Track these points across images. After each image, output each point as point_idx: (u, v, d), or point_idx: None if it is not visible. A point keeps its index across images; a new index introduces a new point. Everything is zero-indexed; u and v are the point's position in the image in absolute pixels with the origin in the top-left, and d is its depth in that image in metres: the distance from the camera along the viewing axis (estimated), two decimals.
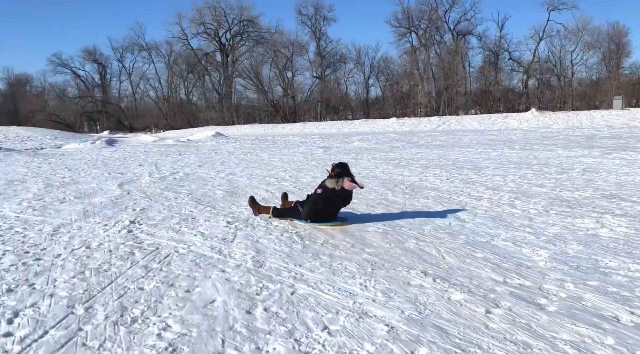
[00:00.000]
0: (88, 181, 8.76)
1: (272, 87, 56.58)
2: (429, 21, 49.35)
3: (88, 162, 13.97)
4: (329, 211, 4.78)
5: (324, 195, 4.73)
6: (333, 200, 4.74)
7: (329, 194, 4.70)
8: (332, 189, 4.69)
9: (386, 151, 14.62)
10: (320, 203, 4.72)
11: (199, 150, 18.89)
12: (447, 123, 34.41)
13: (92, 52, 66.02)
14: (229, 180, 8.40)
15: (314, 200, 4.79)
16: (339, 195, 4.73)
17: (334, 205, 4.81)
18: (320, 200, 4.73)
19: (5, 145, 25.53)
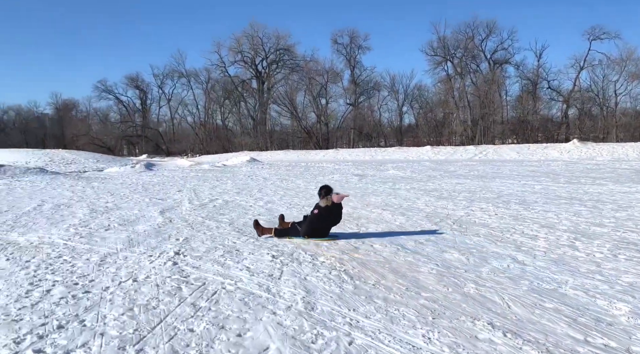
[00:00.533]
0: (130, 207, 8.88)
1: (306, 114, 57.26)
2: (464, 50, 49.10)
3: (129, 186, 14.29)
4: (323, 228, 5.68)
5: (319, 215, 5.59)
6: (327, 218, 5.63)
7: (323, 213, 5.58)
8: (326, 207, 5.58)
9: (424, 181, 14.32)
10: (317, 221, 5.60)
11: (235, 175, 19.08)
12: (484, 152, 33.66)
13: (135, 78, 69.06)
14: (268, 209, 8.34)
15: (311, 220, 5.62)
16: (331, 212, 5.63)
17: (328, 222, 5.70)
18: (316, 219, 5.59)
19: (51, 167, 26.64)
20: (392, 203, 8.72)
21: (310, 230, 5.59)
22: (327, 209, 5.57)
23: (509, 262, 4.44)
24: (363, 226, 6.48)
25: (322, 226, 5.65)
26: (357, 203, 8.84)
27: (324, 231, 5.67)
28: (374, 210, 7.93)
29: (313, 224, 5.59)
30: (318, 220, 5.58)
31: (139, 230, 6.43)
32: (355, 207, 8.32)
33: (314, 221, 5.58)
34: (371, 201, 9.19)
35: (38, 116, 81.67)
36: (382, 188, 12.11)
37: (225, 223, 6.89)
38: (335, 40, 56.40)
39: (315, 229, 5.60)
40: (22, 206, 9.08)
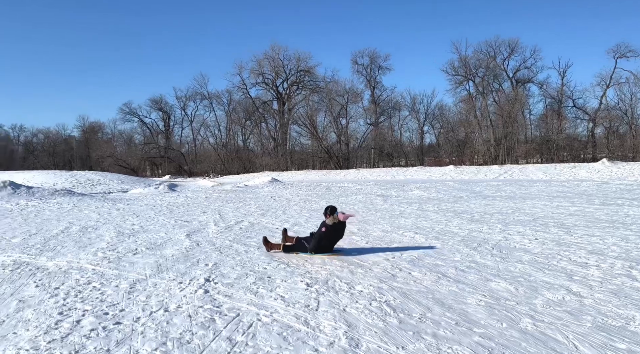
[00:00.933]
0: (156, 230, 8.80)
1: (327, 134, 57.41)
2: (486, 69, 48.78)
3: (154, 207, 14.31)
4: (329, 245, 6.13)
5: (327, 232, 6.02)
6: (333, 234, 6.09)
7: (331, 230, 6.03)
8: (333, 224, 6.03)
9: (451, 201, 13.94)
10: (325, 238, 6.04)
11: (257, 196, 19.01)
12: (509, 172, 32.96)
13: (158, 101, 70.75)
14: (295, 232, 8.15)
15: (319, 237, 6.03)
16: (336, 229, 6.07)
17: (334, 238, 6.15)
18: (324, 236, 6.03)
19: (78, 189, 27.13)
20: (423, 226, 8.42)
21: (317, 246, 6.02)
22: (333, 226, 6.04)
23: (563, 293, 4.12)
24: (397, 251, 6.21)
25: (329, 242, 6.11)
26: (387, 226, 8.57)
27: (329, 247, 6.13)
28: (406, 234, 7.64)
29: (321, 241, 6.01)
30: (325, 237, 6.02)
31: (166, 254, 6.29)
32: (385, 230, 8.05)
33: (322, 238, 6.01)
34: (401, 223, 8.91)
35: (65, 138, 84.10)
36: (409, 209, 11.81)
37: (253, 247, 6.70)
38: (355, 61, 56.91)
39: (322, 245, 6.04)
40: (50, 229, 9.09)
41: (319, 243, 6.00)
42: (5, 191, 17.41)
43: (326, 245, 6.06)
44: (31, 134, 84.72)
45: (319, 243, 6.00)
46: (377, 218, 9.92)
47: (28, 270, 5.40)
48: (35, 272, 5.28)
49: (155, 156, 68.57)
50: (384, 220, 9.52)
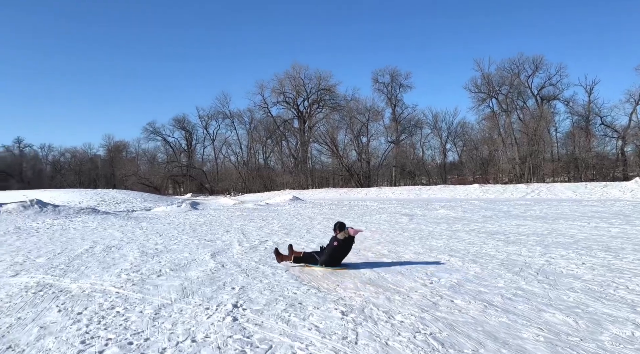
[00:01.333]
0: (180, 250, 8.61)
1: (347, 152, 57.24)
2: (510, 86, 48.15)
3: (176, 226, 14.20)
4: (339, 258, 6.49)
5: (339, 246, 6.41)
6: (344, 248, 6.49)
7: (342, 244, 6.44)
8: (344, 238, 6.43)
9: (480, 221, 13.43)
10: (336, 252, 6.41)
11: (279, 215, 18.79)
12: (537, 191, 32.02)
13: (181, 120, 72.03)
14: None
15: (332, 250, 6.39)
16: (347, 243, 6.49)
17: (344, 252, 6.54)
18: (337, 250, 6.41)
19: (102, 207, 27.43)
20: (457, 248, 8.00)
21: (329, 260, 6.36)
22: (344, 241, 6.44)
23: (631, 328, 3.69)
24: (434, 275, 5.83)
25: (340, 256, 6.48)
26: (418, 248, 8.18)
27: (339, 260, 6.49)
28: (440, 256, 7.24)
29: (333, 254, 6.38)
30: (337, 250, 6.40)
31: (191, 276, 6.05)
32: (418, 253, 7.66)
33: (334, 252, 6.38)
34: (433, 245, 8.51)
35: (91, 157, 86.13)
36: (439, 229, 11.37)
37: (280, 269, 6.41)
38: (376, 79, 57.02)
39: (334, 258, 6.40)
40: (74, 248, 9.00)
41: (332, 256, 6.37)
42: (32, 209, 17.62)
43: (337, 258, 6.44)
44: (59, 153, 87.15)
45: (331, 256, 6.37)
46: (406, 239, 9.53)
47: (51, 292, 5.23)
48: (59, 295, 5.09)
49: (177, 174, 69.45)
50: (414, 241, 9.13)
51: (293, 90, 61.48)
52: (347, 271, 6.22)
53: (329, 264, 6.34)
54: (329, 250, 6.37)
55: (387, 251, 7.95)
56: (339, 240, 6.39)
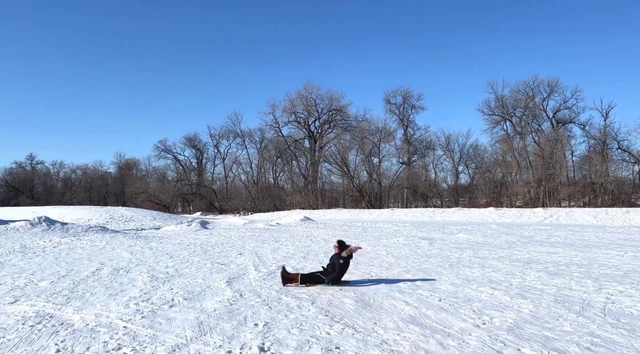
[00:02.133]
0: (192, 274, 7.98)
1: (358, 172, 56.61)
2: (525, 109, 47.46)
3: (187, 247, 13.59)
4: (342, 276, 6.95)
5: (344, 264, 6.92)
6: (346, 265, 6.97)
7: (347, 262, 6.96)
8: (347, 257, 6.95)
9: (505, 247, 12.65)
10: (343, 271, 6.88)
11: (292, 236, 18.12)
12: (555, 215, 31.04)
13: (192, 138, 72.07)
14: (346, 278, 7.17)
15: (340, 270, 6.85)
16: (348, 261, 6.98)
17: (346, 269, 7.00)
18: (343, 268, 6.89)
19: (111, 225, 26.95)
20: (497, 280, 7.27)
21: (337, 278, 6.82)
22: (347, 258, 6.95)
23: None
24: (483, 313, 5.12)
25: (344, 273, 6.98)
26: (453, 278, 7.46)
27: (341, 278, 6.94)
28: (481, 289, 6.52)
29: (341, 273, 6.87)
30: (343, 269, 6.90)
31: (207, 307, 5.40)
32: (454, 284, 6.94)
33: (342, 271, 6.86)
34: (468, 275, 7.78)
35: (102, 174, 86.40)
36: (465, 256, 10.63)
37: (306, 301, 5.75)
38: (388, 100, 56.71)
39: (340, 276, 6.87)
40: (80, 270, 8.41)
41: (340, 274, 6.85)
42: (40, 227, 17.15)
43: (342, 276, 6.91)
44: (70, 170, 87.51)
45: (339, 274, 6.83)
46: (435, 267, 8.81)
47: (51, 325, 4.61)
48: (59, 329, 4.47)
49: (187, 192, 69.13)
50: (445, 269, 8.41)
51: (304, 110, 61.38)
52: (382, 306, 5.54)
53: (336, 282, 6.80)
54: (340, 268, 6.81)
55: (420, 281, 7.24)
56: (344, 258, 6.89)
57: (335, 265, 6.85)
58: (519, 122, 47.92)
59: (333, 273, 6.76)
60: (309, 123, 62.06)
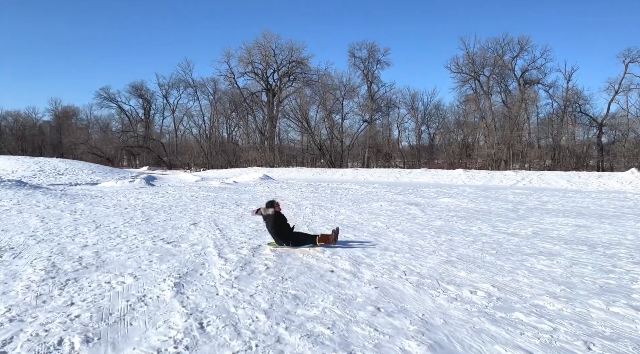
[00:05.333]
0: (120, 264, 5.14)
1: (319, 129, 53.72)
2: (493, 67, 45.81)
3: (124, 211, 10.54)
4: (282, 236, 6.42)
5: (268, 225, 6.51)
6: (272, 226, 6.42)
7: (268, 222, 6.45)
8: (266, 216, 6.46)
9: (514, 217, 10.57)
10: (274, 232, 6.42)
11: (255, 198, 15.34)
12: (527, 179, 29.95)
13: (139, 87, 65.81)
14: (354, 260, 4.59)
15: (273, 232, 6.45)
16: (271, 221, 6.41)
17: (277, 229, 6.39)
18: (272, 229, 6.47)
19: (39, 179, 22.88)
20: (582, 274, 4.92)
21: (281, 238, 6.39)
22: (266, 218, 6.42)
23: None
24: None
25: (279, 233, 6.38)
26: (523, 277, 5.03)
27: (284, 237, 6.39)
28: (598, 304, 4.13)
29: (277, 234, 6.41)
30: (272, 229, 6.41)
31: None
32: (571, 299, 4.51)
33: (273, 233, 6.44)
34: (556, 274, 5.40)
35: (36, 123, 78.29)
36: (489, 232, 8.35)
37: (326, 340, 3.09)
38: (352, 54, 53.25)
39: (281, 237, 6.38)
40: None
41: (279, 236, 6.37)
42: None
43: (281, 236, 6.37)
44: (0, 117, 78.55)
45: (278, 236, 6.38)
46: (478, 253, 6.38)
47: None
48: None
49: (133, 145, 63.79)
50: (502, 260, 6.02)
51: (262, 61, 56.80)
52: None
53: (291, 243, 6.33)
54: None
55: (465, 272, 4.76)
56: (264, 217, 6.48)
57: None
58: (486, 81, 46.40)
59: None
60: (267, 76, 57.76)
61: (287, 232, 6.34)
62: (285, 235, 6.29)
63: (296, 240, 6.33)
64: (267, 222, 6.37)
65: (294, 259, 5.56)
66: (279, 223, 6.33)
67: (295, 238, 6.34)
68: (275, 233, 6.28)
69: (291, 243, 6.28)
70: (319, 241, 6.35)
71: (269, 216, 6.35)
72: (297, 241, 6.33)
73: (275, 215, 6.35)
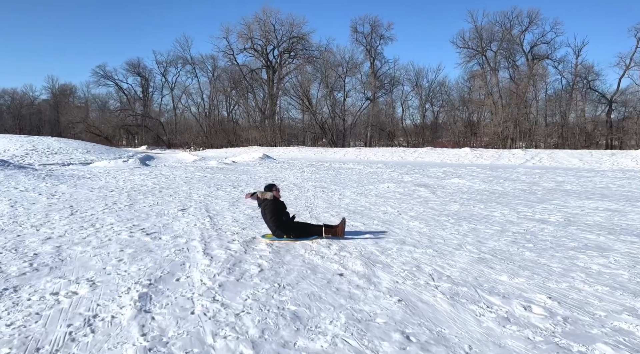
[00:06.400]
0: (84, 261, 4.20)
1: (321, 107, 52.31)
2: (501, 42, 44.11)
3: (109, 194, 9.58)
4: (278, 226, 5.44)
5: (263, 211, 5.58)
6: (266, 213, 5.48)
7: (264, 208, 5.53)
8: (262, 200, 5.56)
9: (535, 200, 9.60)
10: (271, 220, 5.44)
11: (254, 179, 14.39)
12: (536, 157, 28.89)
13: (136, 64, 64.11)
14: (368, 257, 3.64)
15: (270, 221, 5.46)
16: (266, 206, 5.49)
17: (273, 217, 5.43)
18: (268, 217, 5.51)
19: (30, 157, 21.90)
20: None
21: (284, 230, 5.42)
22: (261, 204, 5.56)
23: None
24: None
25: (275, 223, 5.43)
26: (583, 284, 4.08)
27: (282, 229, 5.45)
28: None
29: (274, 225, 5.45)
30: (268, 217, 5.50)
31: None
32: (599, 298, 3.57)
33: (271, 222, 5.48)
34: (599, 270, 4.44)
35: (34, 101, 76.80)
36: (510, 216, 7.38)
37: None
38: (355, 29, 51.47)
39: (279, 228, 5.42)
40: None
41: (276, 227, 5.43)
42: None
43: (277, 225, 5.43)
44: None
45: (275, 227, 5.44)
46: (515, 249, 5.44)
47: None
48: None
49: (131, 124, 62.51)
50: (554, 262, 5.07)
51: (262, 37, 55.02)
52: None
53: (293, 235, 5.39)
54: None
55: (547, 297, 3.82)
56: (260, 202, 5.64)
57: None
58: (493, 57, 44.77)
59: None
60: (267, 52, 56.07)
61: (287, 222, 5.42)
62: (285, 226, 5.37)
63: (298, 231, 5.38)
64: (265, 209, 5.43)
65: (294, 256, 4.61)
66: (278, 211, 5.41)
67: (296, 229, 5.39)
68: (274, 222, 5.34)
69: (292, 235, 5.34)
70: (325, 233, 5.41)
71: (266, 202, 5.43)
72: (298, 232, 5.39)
73: (274, 201, 5.43)
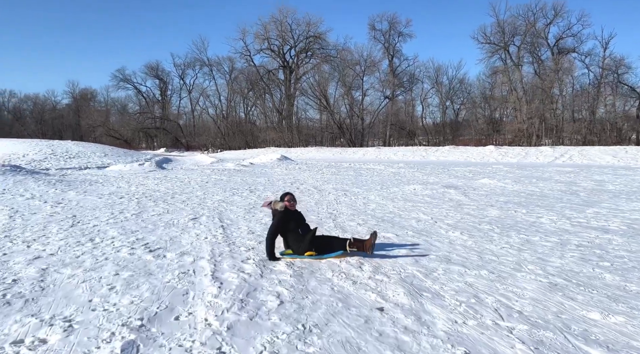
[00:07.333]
0: (67, 291, 3.51)
1: (338, 107, 51.46)
2: (524, 36, 42.55)
3: (118, 201, 8.95)
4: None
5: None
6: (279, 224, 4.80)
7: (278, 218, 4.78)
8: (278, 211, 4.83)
9: (579, 203, 8.64)
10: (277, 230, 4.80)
11: (272, 182, 13.68)
12: (566, 155, 27.52)
13: (154, 68, 64.32)
14: (446, 333, 2.83)
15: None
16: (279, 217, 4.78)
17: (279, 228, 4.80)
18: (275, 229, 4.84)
19: (49, 162, 21.56)
20: None
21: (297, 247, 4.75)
22: (277, 214, 4.83)
23: None
24: None
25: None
26: None
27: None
28: None
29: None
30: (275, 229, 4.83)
31: None
32: None
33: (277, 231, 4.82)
34: None
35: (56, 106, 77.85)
36: (562, 224, 6.46)
37: None
38: (372, 26, 50.58)
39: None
40: None
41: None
42: None
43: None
44: (20, 100, 78.31)
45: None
46: (574, 264, 4.57)
47: None
48: None
49: (150, 127, 62.74)
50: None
51: (279, 37, 54.52)
52: None
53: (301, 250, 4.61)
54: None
55: None
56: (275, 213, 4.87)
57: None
58: (516, 52, 43.23)
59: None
60: (283, 52, 55.56)
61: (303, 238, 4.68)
62: (298, 242, 4.65)
63: (320, 247, 4.59)
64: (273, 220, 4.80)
65: (320, 281, 3.82)
66: (283, 226, 4.72)
67: (318, 245, 4.61)
68: (266, 239, 4.66)
69: (314, 250, 4.57)
70: (350, 247, 4.58)
71: (276, 214, 4.78)
72: (320, 248, 4.61)
73: (283, 213, 4.72)
